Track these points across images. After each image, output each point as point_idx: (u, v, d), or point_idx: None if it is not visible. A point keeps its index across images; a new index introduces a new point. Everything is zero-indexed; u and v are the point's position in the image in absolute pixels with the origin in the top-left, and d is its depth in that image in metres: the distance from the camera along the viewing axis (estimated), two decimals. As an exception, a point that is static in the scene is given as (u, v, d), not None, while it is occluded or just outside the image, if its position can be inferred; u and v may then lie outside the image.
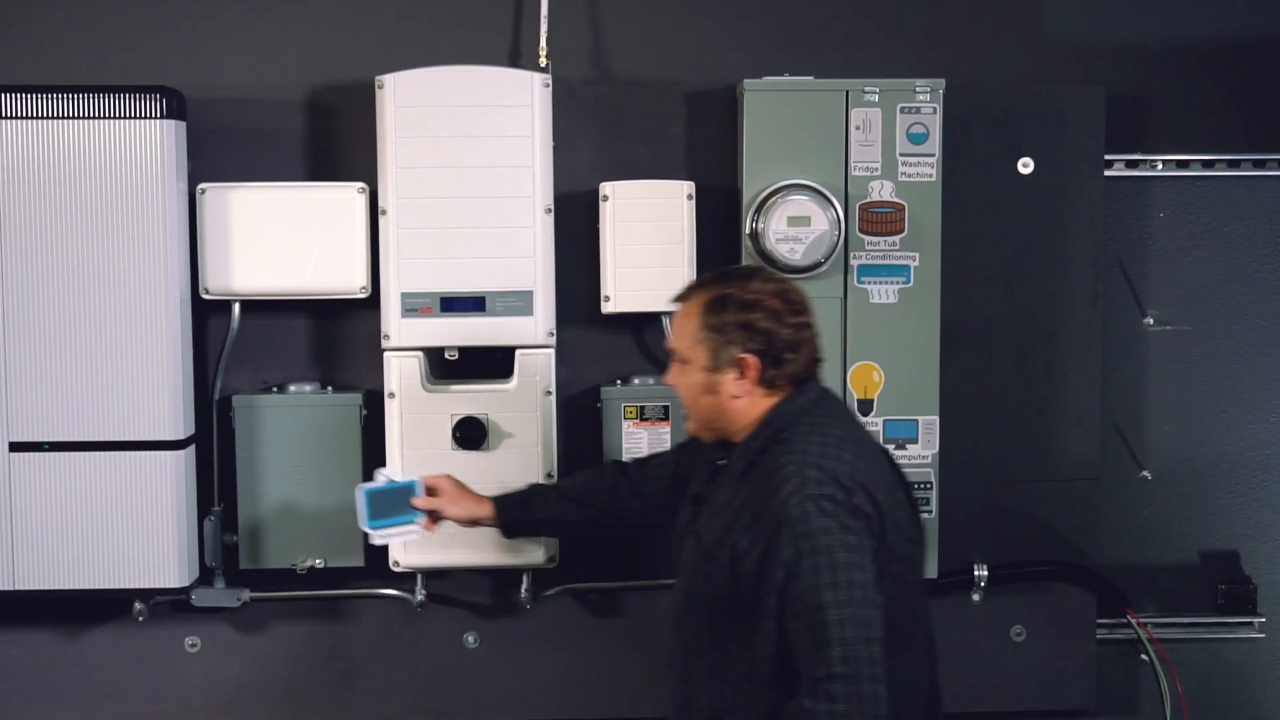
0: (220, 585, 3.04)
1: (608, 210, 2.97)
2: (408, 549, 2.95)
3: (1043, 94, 3.08)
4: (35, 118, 2.80)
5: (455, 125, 2.87)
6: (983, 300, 3.09)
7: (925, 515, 2.97)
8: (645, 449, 2.99)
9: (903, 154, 2.93)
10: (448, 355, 2.94)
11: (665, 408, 3.01)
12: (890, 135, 2.92)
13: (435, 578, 3.10)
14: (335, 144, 3.05)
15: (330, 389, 3.05)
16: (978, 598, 3.11)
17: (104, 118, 2.80)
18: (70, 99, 2.80)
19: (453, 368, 2.99)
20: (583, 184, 3.02)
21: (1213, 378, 3.23)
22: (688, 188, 2.98)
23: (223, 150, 3.01)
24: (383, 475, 2.72)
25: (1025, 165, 3.07)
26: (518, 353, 2.94)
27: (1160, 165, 3.17)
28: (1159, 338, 3.22)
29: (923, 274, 2.95)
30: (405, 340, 2.92)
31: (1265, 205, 3.21)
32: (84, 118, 2.80)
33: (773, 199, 2.90)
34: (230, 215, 2.93)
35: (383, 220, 2.90)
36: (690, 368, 2.32)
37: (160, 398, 2.84)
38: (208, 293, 2.96)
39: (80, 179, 2.81)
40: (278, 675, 3.15)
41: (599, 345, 3.09)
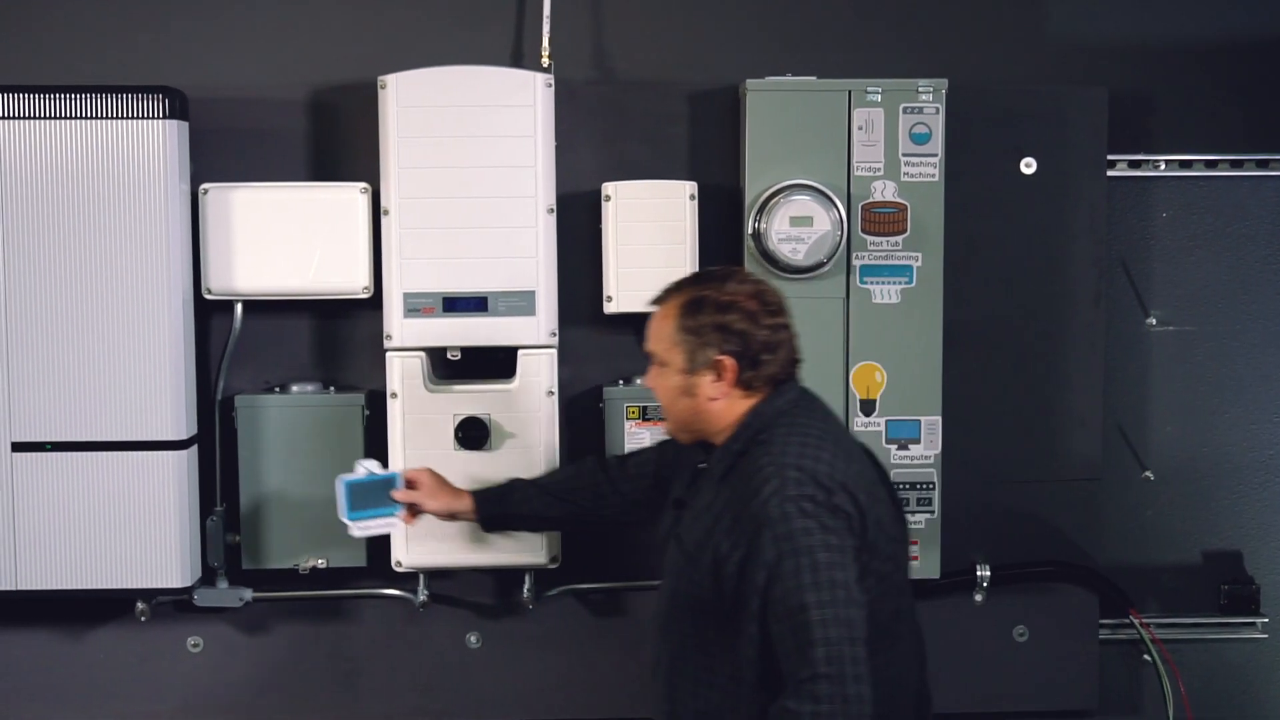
0: (222, 585, 3.04)
1: (610, 210, 2.97)
2: (410, 548, 2.95)
3: (1045, 94, 3.08)
4: (38, 118, 2.80)
5: (458, 125, 2.87)
6: (985, 300, 3.09)
7: (928, 515, 2.98)
8: (647, 449, 3.00)
9: (905, 154, 2.93)
10: (450, 355, 2.94)
11: (667, 408, 3.02)
12: (893, 135, 2.92)
13: (437, 578, 3.10)
14: (338, 144, 3.05)
15: (333, 389, 3.05)
16: (980, 598, 3.11)
17: (106, 118, 2.80)
18: (73, 99, 2.80)
19: (455, 368, 2.99)
20: (585, 184, 3.02)
21: (1215, 378, 3.23)
22: (690, 188, 2.97)
23: (225, 150, 3.01)
24: (363, 467, 2.72)
25: (1028, 165, 3.07)
26: (520, 353, 2.94)
27: (1163, 165, 3.17)
28: (1162, 338, 3.21)
29: (925, 274, 2.95)
30: (407, 340, 2.92)
31: (1268, 205, 3.21)
32: (86, 118, 2.80)
33: (775, 199, 2.90)
34: (233, 215, 2.93)
35: (385, 220, 2.90)
36: (667, 370, 2.31)
37: (163, 398, 2.85)
38: (210, 293, 2.96)
39: (83, 179, 2.81)
40: (280, 675, 3.15)
41: (601, 345, 3.09)
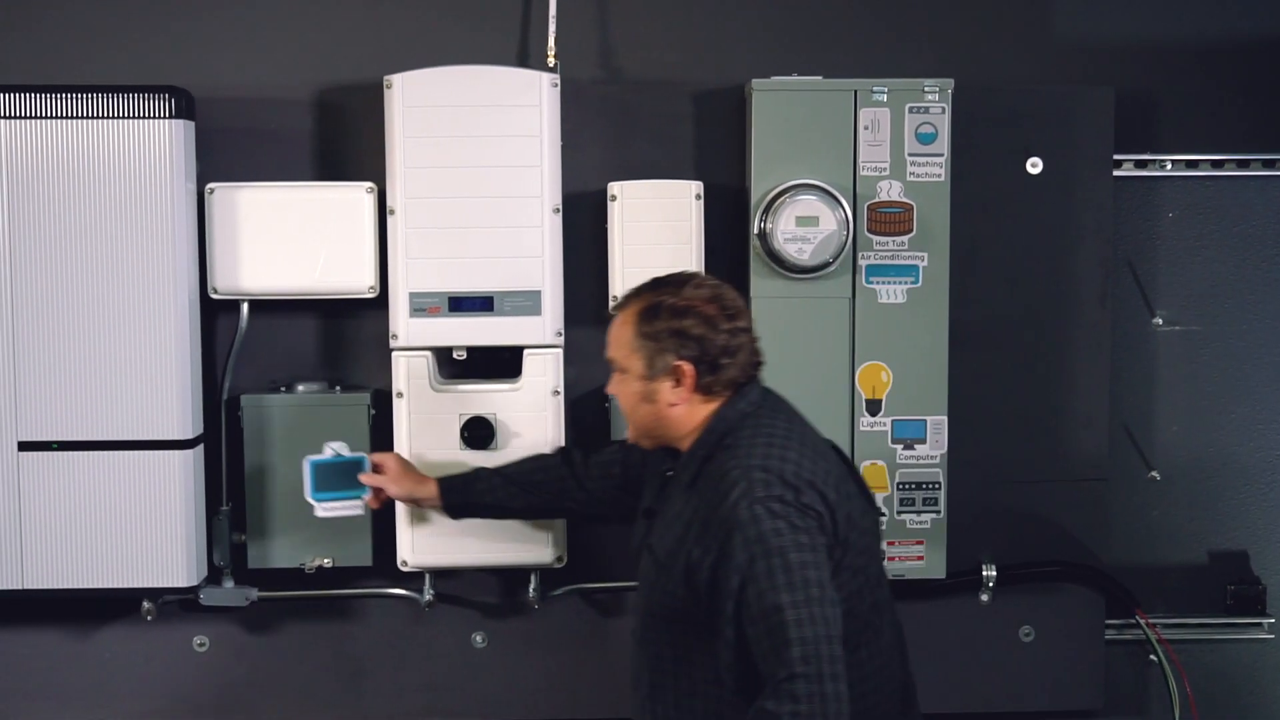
0: (228, 584, 3.04)
1: (616, 210, 2.97)
2: (415, 548, 2.95)
3: (1051, 94, 3.07)
4: (44, 118, 2.80)
5: (463, 125, 2.87)
6: (991, 300, 3.09)
7: (933, 515, 2.98)
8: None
9: (911, 154, 2.93)
10: (456, 355, 2.94)
11: (672, 408, 3.01)
12: (899, 135, 2.92)
13: (443, 577, 3.10)
14: (344, 144, 3.05)
15: (338, 389, 3.05)
16: (986, 598, 3.11)
17: (113, 118, 2.80)
18: (79, 99, 2.80)
19: (461, 367, 2.99)
20: (591, 184, 3.02)
21: (1222, 378, 3.22)
22: (696, 187, 2.97)
23: (231, 150, 3.01)
24: (330, 449, 2.74)
25: (1034, 165, 3.07)
26: (526, 352, 2.94)
27: (1169, 165, 3.17)
28: (1168, 338, 3.21)
29: (931, 274, 2.94)
30: (413, 340, 2.92)
31: (1275, 205, 3.20)
32: (93, 118, 2.80)
33: (781, 199, 2.90)
34: (239, 215, 2.93)
35: (391, 220, 2.90)
36: (628, 377, 2.31)
37: (169, 397, 2.85)
38: (216, 292, 2.96)
39: (89, 179, 2.81)
40: (286, 674, 3.15)
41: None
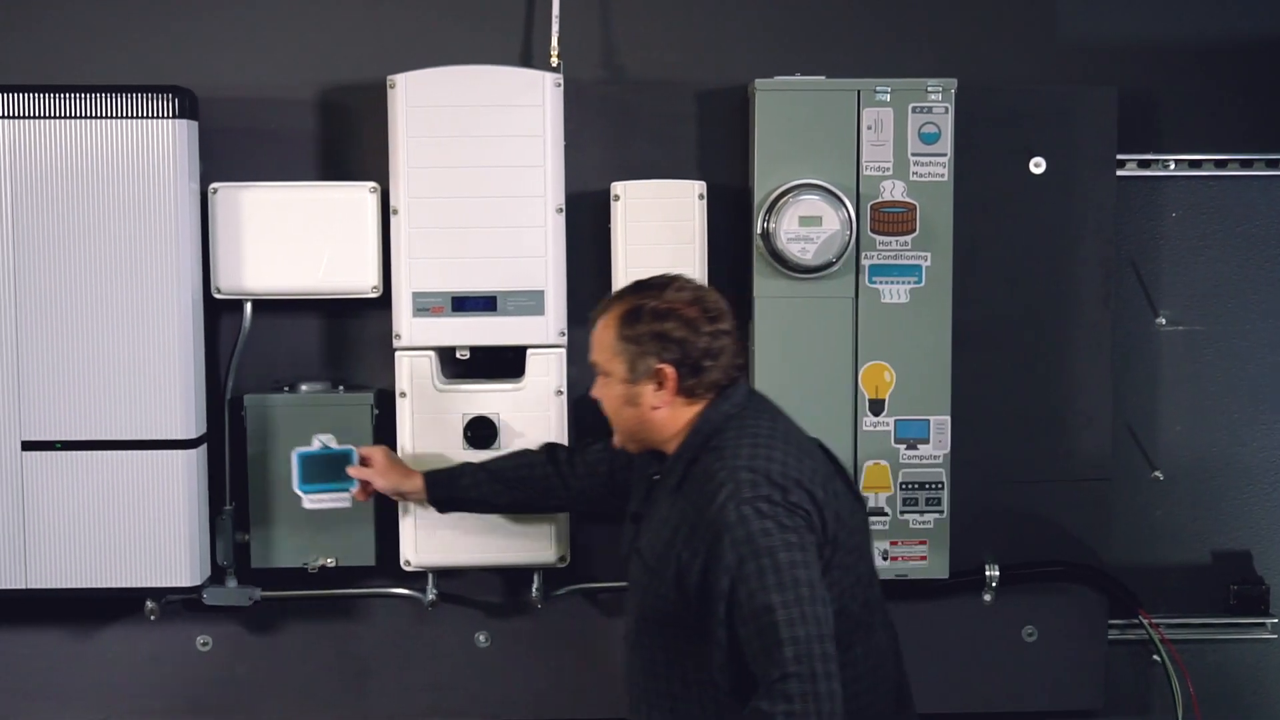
0: (232, 584, 3.04)
1: (619, 210, 2.97)
2: (419, 547, 2.95)
3: (1054, 94, 3.07)
4: (48, 118, 2.80)
5: (467, 125, 2.87)
6: (994, 300, 3.08)
7: (936, 515, 2.98)
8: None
9: (914, 154, 2.93)
10: (459, 355, 2.94)
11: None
12: (902, 135, 2.92)
13: (446, 577, 3.10)
14: (347, 144, 3.05)
15: (342, 388, 3.05)
16: (989, 598, 3.11)
17: (116, 117, 2.81)
18: (83, 99, 2.80)
19: (464, 367, 2.99)
20: (594, 184, 3.02)
21: (1225, 378, 3.22)
22: (699, 187, 2.97)
23: (235, 150, 3.01)
24: (319, 441, 2.75)
25: (1037, 165, 3.07)
26: (529, 352, 2.94)
27: (1172, 165, 3.17)
28: (1171, 338, 3.21)
29: (934, 274, 2.94)
30: (416, 340, 2.92)
31: (1278, 205, 3.20)
32: (96, 117, 2.81)
33: (784, 199, 2.90)
34: (242, 215, 2.93)
35: (394, 220, 2.90)
36: (611, 380, 2.32)
37: (172, 397, 2.85)
38: (219, 292, 2.96)
39: (93, 179, 2.81)
40: (289, 674, 3.15)
41: (610, 345, 3.09)
